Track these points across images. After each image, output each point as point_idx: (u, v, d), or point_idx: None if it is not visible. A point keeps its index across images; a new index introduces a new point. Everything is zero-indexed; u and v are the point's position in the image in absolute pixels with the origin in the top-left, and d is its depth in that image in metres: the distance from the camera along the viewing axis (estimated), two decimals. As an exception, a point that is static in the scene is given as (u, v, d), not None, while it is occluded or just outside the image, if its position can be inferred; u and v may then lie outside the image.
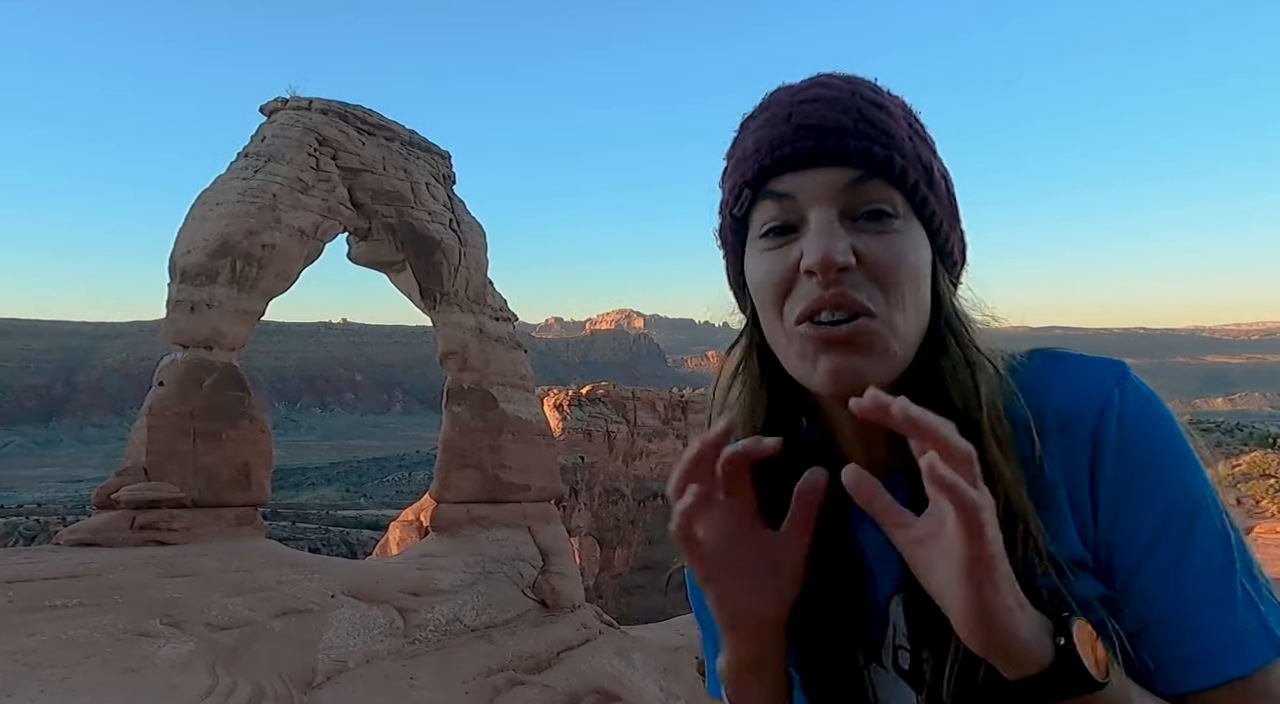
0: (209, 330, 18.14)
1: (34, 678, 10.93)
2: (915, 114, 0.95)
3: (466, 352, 22.64)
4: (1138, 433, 0.89)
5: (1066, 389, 0.93)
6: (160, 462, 17.58)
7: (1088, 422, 0.90)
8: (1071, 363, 0.96)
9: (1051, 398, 0.92)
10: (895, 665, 0.94)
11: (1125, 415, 0.90)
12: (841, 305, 0.84)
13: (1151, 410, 0.91)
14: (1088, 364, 0.95)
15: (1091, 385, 0.92)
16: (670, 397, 55.46)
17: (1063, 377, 0.94)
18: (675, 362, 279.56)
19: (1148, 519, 0.87)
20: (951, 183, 0.96)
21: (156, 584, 14.44)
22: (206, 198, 18.88)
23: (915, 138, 0.91)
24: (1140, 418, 0.90)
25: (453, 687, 15.97)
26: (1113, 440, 0.89)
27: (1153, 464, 0.88)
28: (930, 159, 0.92)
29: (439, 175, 23.30)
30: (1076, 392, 0.92)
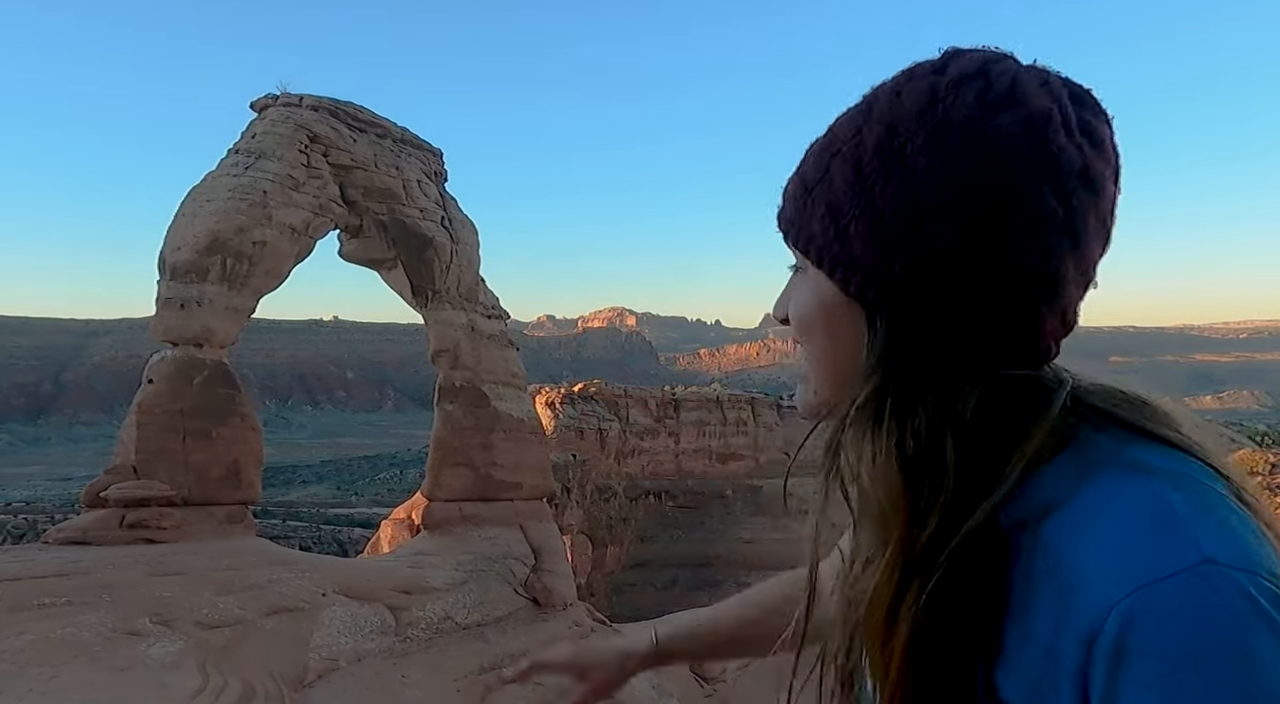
0: (199, 328, 18.06)
1: (22, 677, 10.87)
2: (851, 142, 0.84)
3: (458, 349, 22.61)
4: (1155, 652, 0.65)
5: (1107, 538, 0.70)
6: (150, 460, 17.50)
7: (1095, 599, 0.68)
8: (1147, 508, 0.71)
9: (1088, 539, 0.71)
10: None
11: (1137, 624, 0.65)
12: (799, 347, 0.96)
13: (1202, 636, 0.64)
14: (1164, 523, 0.69)
15: (1130, 554, 0.68)
16: (662, 395, 55.53)
17: (1119, 519, 0.71)
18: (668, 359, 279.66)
19: None
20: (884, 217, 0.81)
21: (146, 583, 14.38)
22: (196, 194, 18.79)
23: (816, 178, 0.87)
24: (1169, 636, 0.64)
25: (444, 685, 15.96)
26: (1114, 643, 0.66)
27: (1169, 692, 0.64)
28: (834, 203, 0.84)
29: (431, 173, 23.24)
30: (1114, 552, 0.69)
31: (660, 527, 49.43)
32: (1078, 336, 0.89)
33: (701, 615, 1.51)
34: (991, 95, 0.79)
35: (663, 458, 52.38)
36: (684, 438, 53.14)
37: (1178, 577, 0.65)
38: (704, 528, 49.57)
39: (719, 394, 58.03)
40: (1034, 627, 0.73)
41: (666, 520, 49.97)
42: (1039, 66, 0.84)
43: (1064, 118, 0.80)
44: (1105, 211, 0.84)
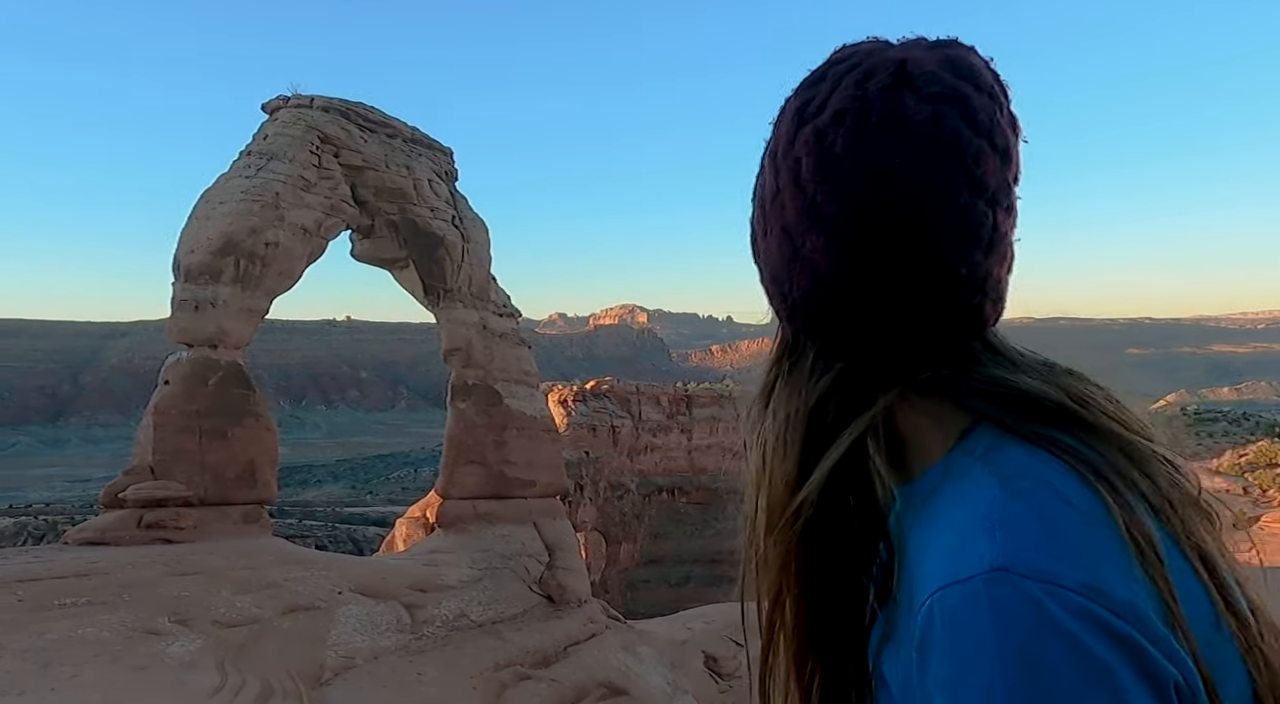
0: (214, 329, 18.19)
1: (44, 676, 11.00)
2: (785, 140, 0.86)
3: (470, 348, 22.66)
4: (943, 652, 0.70)
5: (936, 534, 0.77)
6: (167, 460, 17.64)
7: (919, 593, 0.75)
8: (971, 516, 0.75)
9: (934, 538, 0.77)
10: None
11: (932, 623, 0.71)
12: None
13: (977, 642, 0.68)
14: (972, 532, 0.74)
15: (942, 558, 0.74)
16: (674, 391, 55.51)
17: (952, 526, 0.76)
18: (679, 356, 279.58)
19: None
20: (773, 226, 0.89)
21: (164, 582, 14.51)
22: (210, 197, 18.91)
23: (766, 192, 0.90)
24: (954, 639, 0.69)
25: (460, 682, 16.02)
26: (920, 638, 0.73)
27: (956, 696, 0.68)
28: (757, 218, 0.93)
29: (441, 172, 23.30)
30: (935, 548, 0.76)
31: (673, 523, 49.45)
32: (1094, 329, 0.87)
33: None
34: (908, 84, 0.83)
35: (675, 454, 52.37)
36: (697, 434, 53.12)
37: (969, 582, 0.69)
38: (717, 524, 49.56)
39: (731, 390, 57.90)
40: (905, 614, 0.78)
41: (680, 517, 49.98)
42: (920, 43, 0.84)
43: (976, 98, 0.80)
44: (1014, 178, 0.84)
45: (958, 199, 0.77)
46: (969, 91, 0.78)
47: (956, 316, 0.83)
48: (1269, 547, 6.69)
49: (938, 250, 0.78)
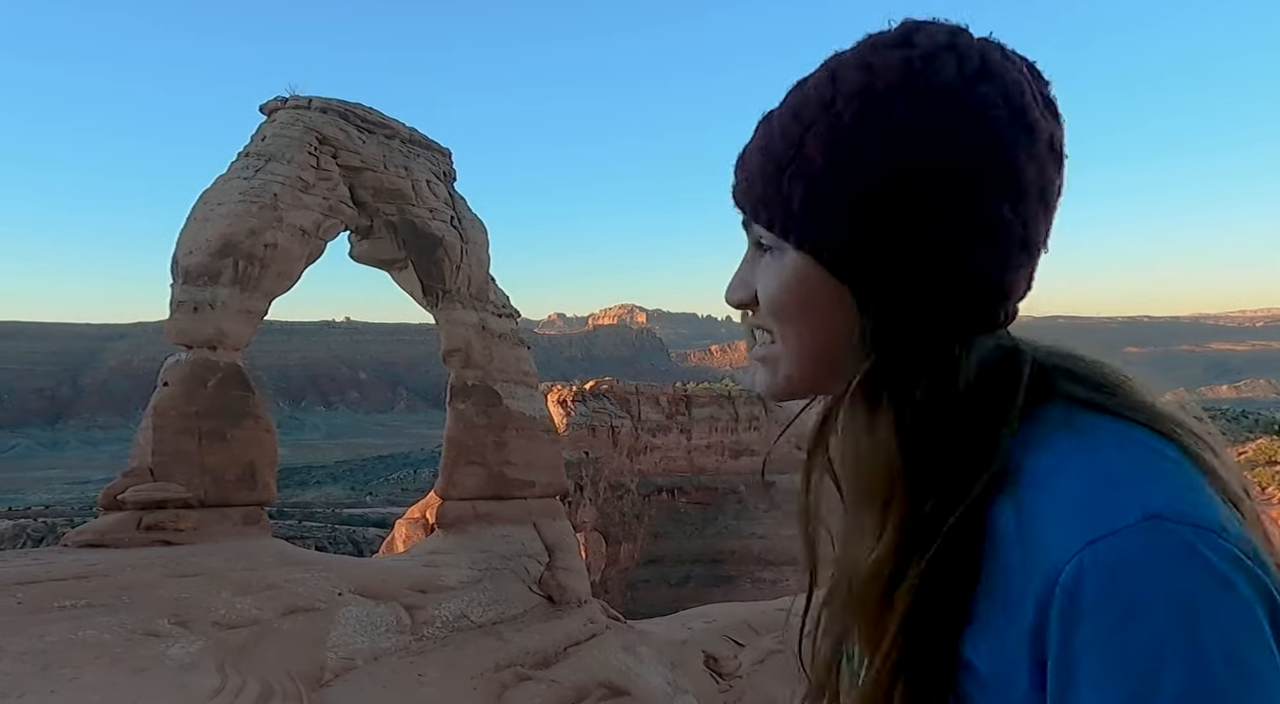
0: (212, 330, 18.19)
1: (44, 678, 10.99)
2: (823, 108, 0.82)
3: (470, 349, 22.67)
4: (1101, 606, 0.67)
5: (1068, 497, 0.73)
6: (166, 462, 17.63)
7: (1054, 555, 0.71)
8: (1104, 466, 0.74)
9: (1052, 498, 0.74)
10: None
11: (1089, 578, 0.68)
12: (755, 329, 0.94)
13: (1139, 586, 0.66)
14: (1116, 481, 0.72)
15: (1089, 512, 0.71)
16: (674, 391, 55.53)
17: (1079, 479, 0.74)
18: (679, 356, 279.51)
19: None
20: (862, 186, 0.81)
21: (164, 584, 14.50)
22: (208, 198, 18.92)
23: (805, 175, 0.83)
24: (1114, 591, 0.67)
25: (460, 683, 16.02)
26: (1063, 601, 0.69)
27: (1112, 656, 0.66)
28: (804, 200, 0.83)
29: (439, 172, 23.30)
30: (1072, 509, 0.72)
31: (673, 523, 49.46)
32: (1093, 328, 0.89)
33: None
34: (968, 68, 0.81)
35: (675, 454, 52.38)
36: (696, 434, 53.13)
37: (1124, 532, 0.68)
38: (717, 524, 49.58)
39: (731, 390, 57.95)
40: (1002, 592, 0.76)
41: (679, 517, 50.00)
42: (993, 40, 0.86)
43: (1032, 90, 0.83)
44: (1063, 178, 0.87)
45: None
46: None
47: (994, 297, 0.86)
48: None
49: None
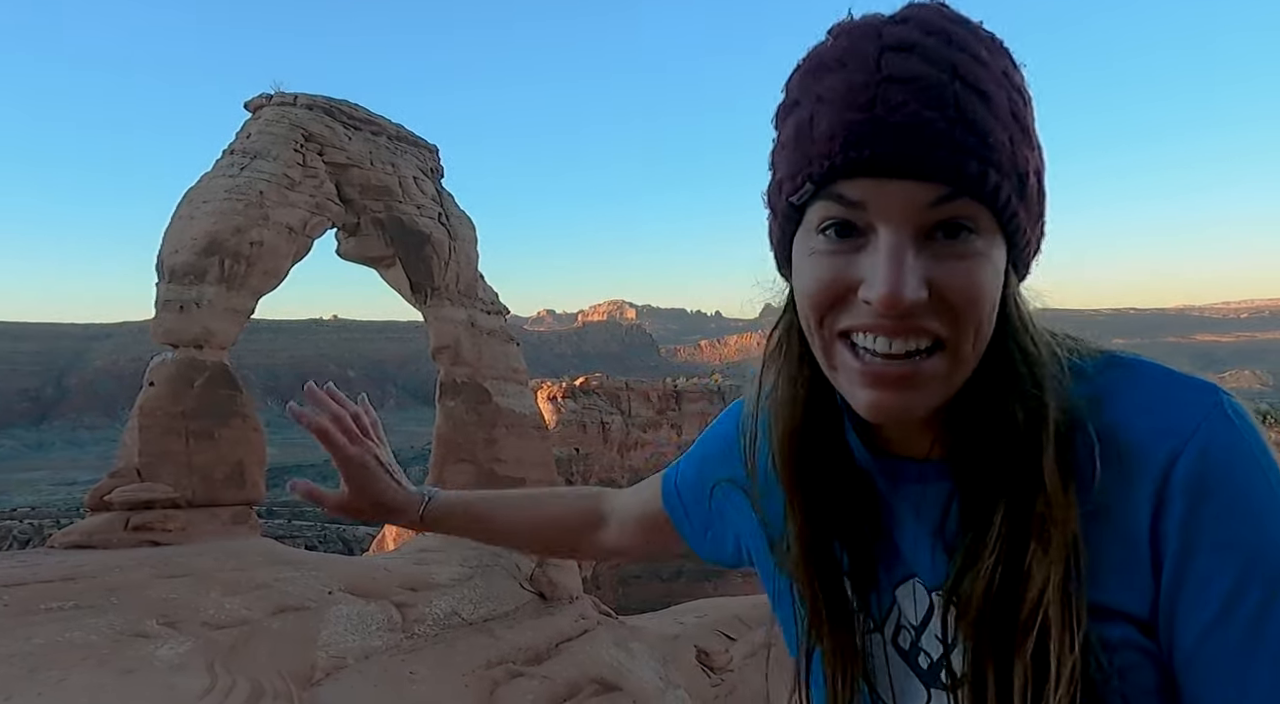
0: (199, 329, 18.07)
1: (31, 681, 10.91)
2: (1017, 80, 0.79)
3: (459, 346, 22.61)
4: (1222, 475, 0.74)
5: (1144, 410, 0.79)
6: (153, 462, 17.53)
7: (1160, 454, 0.76)
8: (1156, 379, 0.82)
9: (1123, 419, 0.79)
10: (895, 642, 0.94)
11: (1210, 453, 0.75)
12: (902, 341, 0.77)
13: (1244, 448, 0.76)
14: (1175, 385, 0.81)
15: (1175, 411, 0.78)
16: (664, 387, 55.60)
17: (1143, 395, 0.81)
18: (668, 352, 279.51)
19: (1220, 580, 0.73)
20: (1044, 174, 0.82)
21: (152, 585, 14.42)
22: (193, 196, 18.78)
23: (1016, 131, 0.77)
24: (1229, 457, 0.75)
25: (452, 680, 16.01)
26: (1188, 481, 0.75)
27: (1235, 513, 0.73)
28: (1027, 158, 0.78)
29: (427, 169, 23.22)
30: (1156, 416, 0.78)
31: (664, 518, 49.56)
32: (1079, 320, 0.93)
33: (481, 504, 1.52)
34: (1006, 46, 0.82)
35: (666, 449, 52.46)
36: (686, 429, 53.24)
37: (1217, 408, 0.78)
38: (708, 519, 49.60)
39: (720, 385, 58.06)
40: (1107, 515, 0.78)
41: (670, 512, 50.10)
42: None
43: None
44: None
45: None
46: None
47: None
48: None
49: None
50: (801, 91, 0.80)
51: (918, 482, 0.90)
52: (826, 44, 0.80)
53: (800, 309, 0.84)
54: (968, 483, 0.83)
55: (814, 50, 0.81)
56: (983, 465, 0.81)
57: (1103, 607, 0.77)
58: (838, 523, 0.93)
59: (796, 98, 0.80)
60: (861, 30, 0.77)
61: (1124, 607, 0.77)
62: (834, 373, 0.83)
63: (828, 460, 0.92)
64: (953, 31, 0.76)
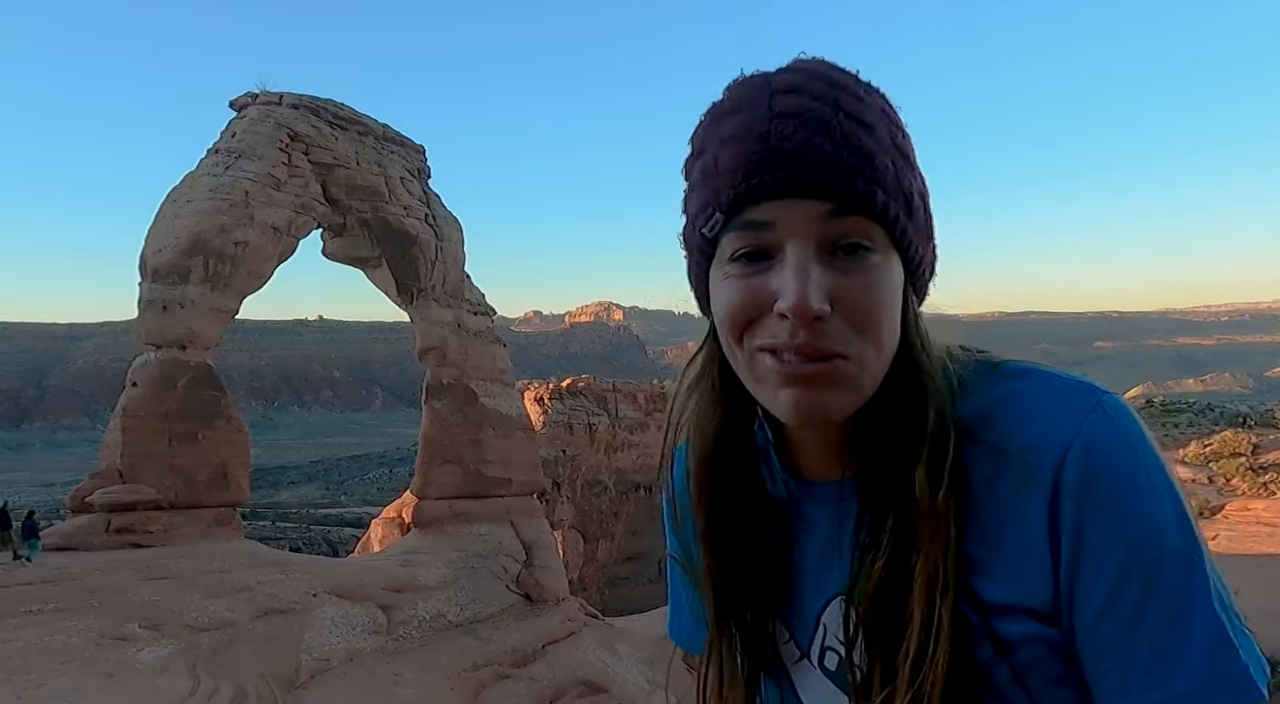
0: (182, 330, 17.92)
1: (10, 684, 10.79)
2: (894, 116, 0.88)
3: (445, 347, 22.53)
4: (1105, 469, 0.81)
5: (1030, 417, 0.85)
6: (135, 464, 17.36)
7: (1050, 453, 0.83)
8: (1039, 383, 0.88)
9: (1014, 427, 0.85)
10: (822, 665, 0.98)
11: (1093, 449, 0.81)
12: (814, 351, 0.83)
13: (1125, 442, 0.82)
14: (1058, 386, 0.87)
15: (1059, 412, 0.84)
16: (651, 388, 55.58)
17: (1029, 403, 0.86)
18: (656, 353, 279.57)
19: (1107, 569, 0.80)
20: (928, 199, 0.90)
21: (134, 587, 14.29)
22: (177, 195, 18.62)
23: (897, 157, 0.85)
24: (1111, 452, 0.82)
25: (438, 683, 15.94)
26: (1074, 480, 0.81)
27: (1117, 506, 0.80)
28: (910, 182, 0.86)
29: (414, 170, 23.12)
30: (1041, 422, 0.84)
31: (651, 520, 49.51)
32: (1062, 324, 0.94)
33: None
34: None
35: (653, 451, 52.37)
36: (673, 431, 53.22)
37: (1098, 407, 0.84)
38: (695, 520, 49.62)
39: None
40: (1001, 518, 0.85)
41: (657, 514, 49.54)
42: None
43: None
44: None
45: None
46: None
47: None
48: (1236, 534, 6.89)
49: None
50: (705, 140, 0.89)
51: (834, 501, 0.96)
52: (723, 97, 0.90)
53: (720, 332, 0.90)
54: (868, 496, 0.90)
55: (713, 104, 0.90)
56: (880, 479, 0.89)
57: (1002, 605, 0.84)
58: (747, 552, 0.98)
59: (701, 146, 0.90)
60: (753, 81, 0.88)
61: (1024, 602, 0.83)
62: (758, 386, 0.88)
63: (740, 485, 0.98)
64: (833, 76, 0.86)
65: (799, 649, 0.99)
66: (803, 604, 0.98)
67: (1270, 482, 47.12)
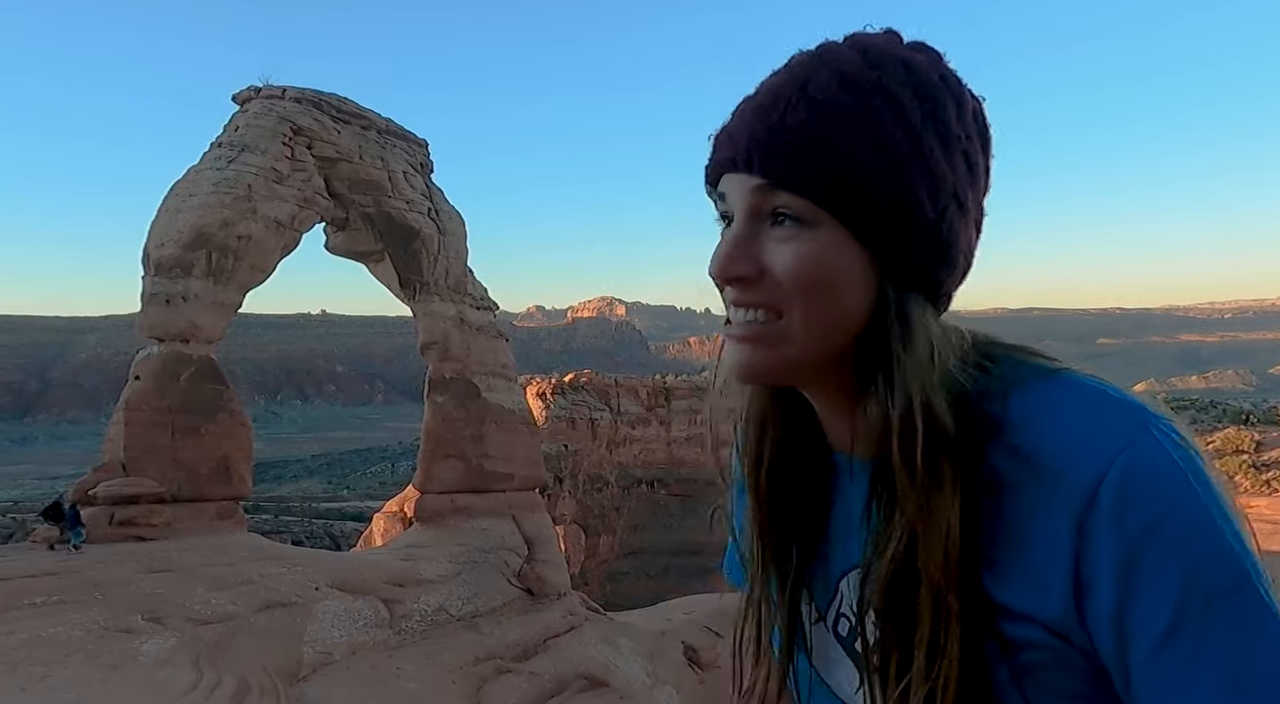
0: (185, 323, 17.95)
1: (13, 676, 10.83)
2: (906, 103, 0.86)
3: (448, 341, 22.54)
4: (1150, 496, 0.77)
5: (1070, 429, 0.82)
6: (138, 457, 17.41)
7: (1086, 472, 0.79)
8: (1085, 395, 0.84)
9: (1049, 435, 0.83)
10: (835, 630, 1.00)
11: (1136, 473, 0.78)
12: (743, 307, 0.89)
13: (1172, 467, 0.78)
14: (1104, 404, 0.83)
15: (1101, 432, 0.80)
16: (653, 383, 55.54)
17: (1070, 413, 0.83)
18: (658, 348, 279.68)
19: (1162, 601, 0.76)
20: (933, 192, 0.87)
21: (137, 580, 14.33)
22: (180, 189, 18.63)
23: (869, 141, 0.85)
24: (1157, 477, 0.78)
25: (439, 676, 15.99)
26: (1111, 502, 0.78)
27: (1167, 534, 0.76)
28: (883, 166, 0.85)
29: (416, 164, 23.11)
30: (1083, 433, 0.81)
31: (653, 515, 49.57)
32: (1066, 320, 0.93)
33: None
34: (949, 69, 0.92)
35: (654, 446, 52.46)
36: (675, 426, 53.22)
37: (1140, 433, 0.80)
38: (697, 516, 49.67)
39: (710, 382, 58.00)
40: (1026, 529, 0.83)
41: (659, 509, 50.12)
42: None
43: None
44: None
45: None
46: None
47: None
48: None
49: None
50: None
51: (848, 477, 0.99)
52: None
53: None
54: (879, 477, 0.90)
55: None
56: (887, 462, 0.89)
57: (1010, 608, 0.83)
58: (791, 515, 1.02)
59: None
60: (767, 77, 0.92)
61: (1032, 612, 0.82)
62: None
63: (787, 453, 1.02)
64: (841, 55, 0.88)
65: (818, 611, 1.02)
66: (828, 568, 1.01)
67: (1273, 479, 47.03)
